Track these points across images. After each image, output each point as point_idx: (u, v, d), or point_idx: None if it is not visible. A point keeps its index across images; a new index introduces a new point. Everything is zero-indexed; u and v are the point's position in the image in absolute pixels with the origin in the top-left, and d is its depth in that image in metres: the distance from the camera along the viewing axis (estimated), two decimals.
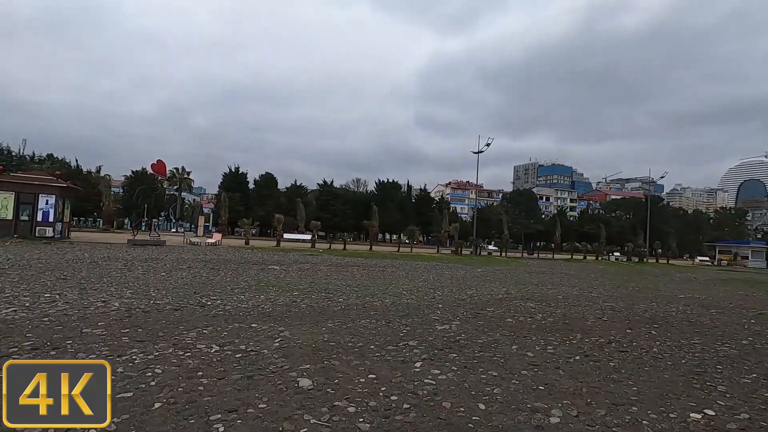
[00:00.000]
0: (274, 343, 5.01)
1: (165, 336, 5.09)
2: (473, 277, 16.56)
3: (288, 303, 8.05)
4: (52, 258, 14.06)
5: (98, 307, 6.65)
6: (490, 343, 5.59)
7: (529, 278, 17.74)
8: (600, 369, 4.60)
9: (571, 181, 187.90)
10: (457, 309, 8.43)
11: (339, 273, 14.91)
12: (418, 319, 7.06)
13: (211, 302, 7.68)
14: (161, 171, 25.92)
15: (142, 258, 15.95)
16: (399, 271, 17.21)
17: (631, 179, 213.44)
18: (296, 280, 12.09)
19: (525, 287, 13.70)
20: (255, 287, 9.99)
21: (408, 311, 7.90)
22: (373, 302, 8.77)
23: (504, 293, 11.68)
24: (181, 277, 11.18)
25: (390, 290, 10.94)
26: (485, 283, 14.28)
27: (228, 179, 63.47)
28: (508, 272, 20.61)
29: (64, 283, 8.87)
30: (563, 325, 7.11)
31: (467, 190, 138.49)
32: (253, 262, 16.99)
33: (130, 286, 9.06)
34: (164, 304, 7.22)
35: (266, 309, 7.35)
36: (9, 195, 22.74)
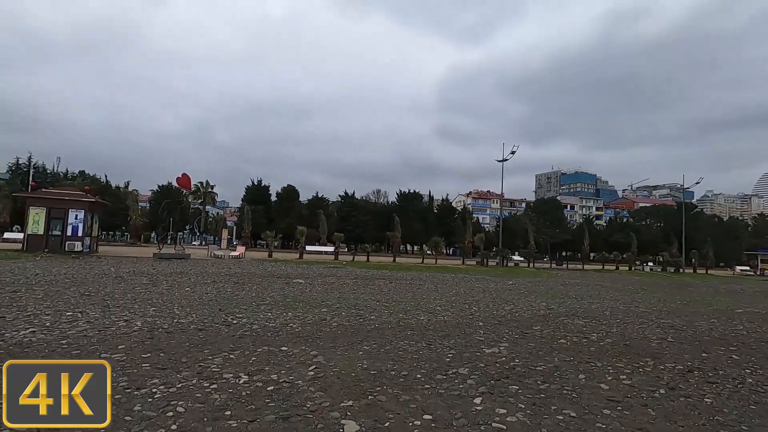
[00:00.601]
0: (309, 371, 4.45)
1: (189, 362, 4.60)
2: (506, 291, 15.72)
3: (317, 321, 7.52)
4: (79, 273, 13.99)
5: (120, 327, 6.25)
6: (551, 371, 4.88)
7: (566, 291, 16.76)
8: (696, 407, 3.85)
9: (595, 189, 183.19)
10: (501, 328, 7.72)
11: (366, 287, 14.34)
12: (461, 340, 6.40)
13: (237, 320, 7.22)
14: (186, 185, 26.07)
15: (167, 272, 15.77)
16: (427, 284, 16.52)
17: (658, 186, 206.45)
18: (323, 294, 11.58)
19: (565, 301, 12.81)
20: (281, 303, 9.51)
21: (447, 330, 7.24)
22: (407, 320, 8.15)
23: (545, 308, 10.86)
24: (205, 292, 10.81)
25: (423, 305, 10.29)
26: (521, 297, 13.45)
27: (250, 192, 64.10)
28: (541, 284, 19.62)
29: (87, 300, 8.59)
30: (626, 348, 6.31)
31: (488, 199, 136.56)
32: (277, 276, 16.60)
33: (154, 302, 8.71)
34: (188, 323, 6.78)
35: (295, 328, 6.82)
36: (41, 210, 23.19)
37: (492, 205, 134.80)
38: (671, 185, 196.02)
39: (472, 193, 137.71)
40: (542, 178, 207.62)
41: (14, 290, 9.57)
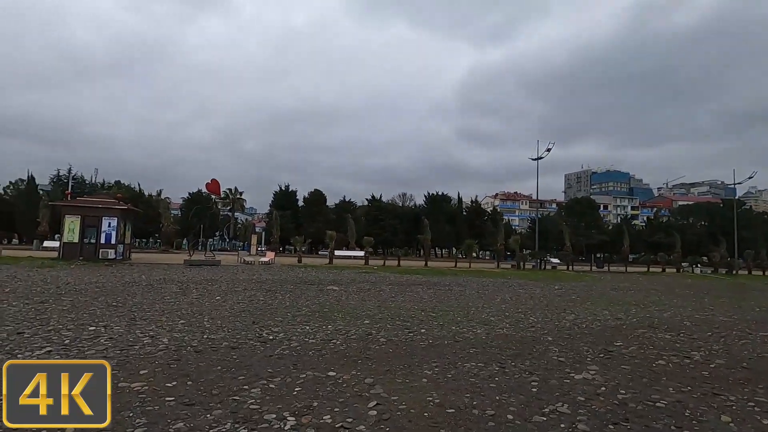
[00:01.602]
0: (369, 408, 3.53)
1: (221, 394, 3.76)
2: (556, 297, 14.42)
3: (362, 336, 6.62)
4: (110, 281, 13.63)
5: (144, 345, 5.52)
6: (676, 408, 3.79)
7: (622, 297, 15.30)
8: None
9: (628, 188, 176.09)
10: (575, 343, 6.60)
11: (404, 294, 13.38)
12: (537, 362, 5.35)
13: (273, 335, 6.40)
14: (215, 190, 25.87)
15: (198, 279, 15.29)
16: (468, 290, 15.40)
17: (696, 183, 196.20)
18: (360, 303, 10.69)
19: (629, 309, 11.46)
20: (318, 314, 8.67)
21: (514, 347, 6.20)
22: (463, 333, 7.14)
23: (612, 318, 9.61)
24: (237, 301, 10.11)
25: (473, 315, 9.24)
26: (577, 305, 12.18)
27: (278, 197, 64.28)
28: (590, 290, 18.14)
29: (113, 311, 7.99)
30: (749, 373, 5.11)
31: (517, 201, 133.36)
32: (309, 282, 15.86)
33: (184, 314, 8.03)
34: (219, 339, 6.01)
35: (339, 345, 5.94)
36: (76, 219, 23.37)
37: (521, 206, 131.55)
38: (710, 182, 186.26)
39: (499, 194, 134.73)
40: (572, 178, 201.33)
41: (42, 300, 9.12)
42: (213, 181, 25.35)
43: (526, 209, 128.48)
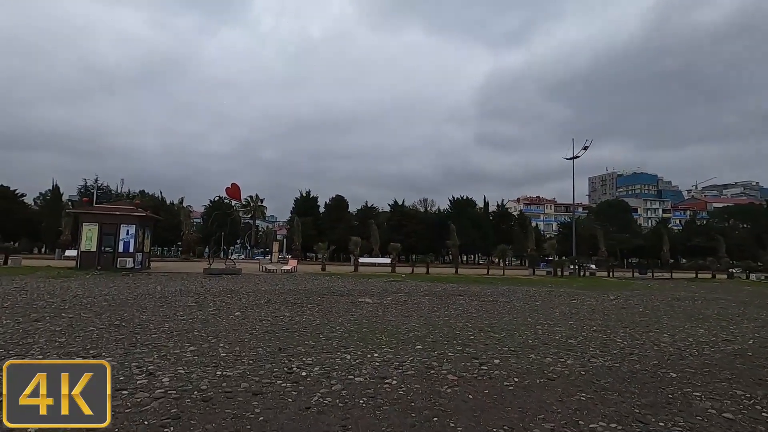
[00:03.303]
0: None
1: None
2: (620, 309, 12.51)
3: (422, 370, 5.03)
4: (122, 293, 12.43)
5: (136, 388, 4.07)
6: None
7: (696, 309, 13.26)
8: None
9: (657, 191, 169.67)
10: (715, 382, 4.85)
11: (447, 307, 11.71)
12: (690, 419, 3.64)
13: (306, 370, 4.88)
14: (235, 195, 24.79)
15: (216, 291, 13.98)
16: (515, 302, 13.61)
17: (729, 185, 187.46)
18: (401, 319, 9.09)
19: (726, 327, 9.53)
20: (357, 335, 7.11)
21: (636, 388, 4.50)
22: (551, 365, 5.47)
23: (719, 340, 7.74)
24: (259, 318, 8.65)
25: (545, 337, 7.52)
26: (653, 320, 10.29)
27: (299, 204, 63.42)
28: (649, 300, 16.07)
29: (113, 333, 6.62)
30: None
31: (541, 205, 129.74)
32: (338, 293, 14.36)
33: (195, 336, 6.59)
34: (237, 378, 4.52)
35: (396, 387, 4.37)
36: (93, 227, 22.59)
37: (545, 210, 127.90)
38: (745, 183, 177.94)
39: (522, 199, 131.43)
40: (596, 181, 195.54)
41: (37, 318, 7.87)
42: (233, 186, 24.28)
43: (551, 213, 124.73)
